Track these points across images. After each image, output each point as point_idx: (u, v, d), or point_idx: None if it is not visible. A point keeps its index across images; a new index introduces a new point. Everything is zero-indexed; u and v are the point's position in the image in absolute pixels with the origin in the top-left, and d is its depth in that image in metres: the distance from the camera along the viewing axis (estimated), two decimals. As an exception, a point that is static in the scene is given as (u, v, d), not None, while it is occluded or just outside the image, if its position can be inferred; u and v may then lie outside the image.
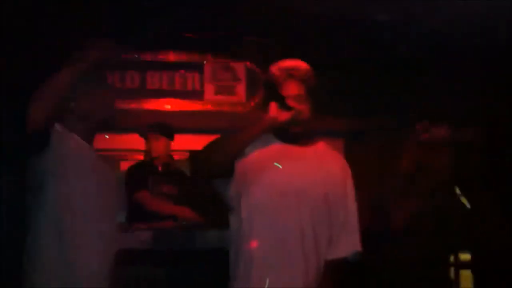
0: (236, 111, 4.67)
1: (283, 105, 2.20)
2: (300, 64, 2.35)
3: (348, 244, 2.34)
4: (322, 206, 2.28)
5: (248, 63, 4.71)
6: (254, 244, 2.22)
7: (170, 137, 4.18)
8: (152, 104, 4.68)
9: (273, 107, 2.21)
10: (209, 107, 4.71)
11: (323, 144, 2.43)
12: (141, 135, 4.25)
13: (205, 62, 4.68)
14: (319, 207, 2.28)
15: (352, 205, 2.38)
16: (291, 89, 2.28)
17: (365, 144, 4.96)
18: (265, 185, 2.24)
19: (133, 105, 4.61)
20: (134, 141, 4.61)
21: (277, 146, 2.32)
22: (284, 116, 2.20)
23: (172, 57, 4.75)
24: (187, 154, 4.70)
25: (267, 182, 2.25)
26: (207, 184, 2.40)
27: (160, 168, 4.16)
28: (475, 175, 2.98)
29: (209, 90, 4.71)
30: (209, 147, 2.25)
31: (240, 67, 4.72)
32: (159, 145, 4.15)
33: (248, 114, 4.58)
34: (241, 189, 2.26)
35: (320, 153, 2.39)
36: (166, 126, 4.19)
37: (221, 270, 2.35)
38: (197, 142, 4.59)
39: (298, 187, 2.25)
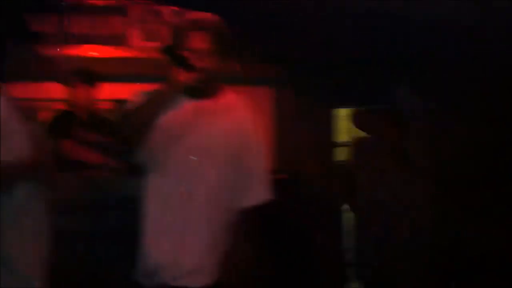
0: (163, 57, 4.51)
1: (187, 66, 2.15)
2: (207, 15, 2.30)
3: (258, 192, 2.41)
4: (230, 158, 2.34)
5: (176, 7, 4.55)
6: (162, 199, 2.29)
7: (93, 85, 4.04)
8: (74, 50, 4.46)
9: (176, 70, 2.16)
10: (135, 53, 4.54)
11: (231, 94, 2.44)
12: (63, 83, 4.08)
13: (129, 5, 4.49)
14: (227, 158, 2.33)
15: (259, 154, 2.44)
16: (197, 42, 2.22)
17: (296, 92, 4.96)
18: (172, 143, 2.27)
19: (53, 51, 4.39)
20: (55, 90, 4.41)
21: (183, 103, 2.30)
22: (189, 77, 2.17)
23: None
24: (113, 103, 4.55)
25: (174, 139, 2.27)
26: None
27: (83, 117, 4.03)
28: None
29: (134, 35, 4.54)
30: (123, 122, 2.28)
31: (168, 11, 4.55)
32: (81, 93, 4.01)
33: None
34: (152, 150, 2.27)
35: (227, 104, 2.39)
36: (89, 73, 4.04)
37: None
38: (123, 90, 4.48)
39: (205, 141, 2.29)
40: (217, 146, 2.31)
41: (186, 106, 2.30)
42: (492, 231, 3.01)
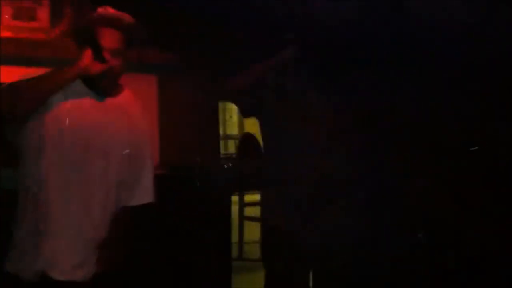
0: (37, 38, 4.19)
1: (99, 56, 2.13)
2: (123, 15, 2.28)
3: (146, 192, 2.48)
4: (125, 157, 2.36)
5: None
6: (49, 194, 2.23)
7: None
8: None
9: (87, 55, 2.14)
10: (5, 33, 4.17)
11: (128, 93, 2.44)
12: None
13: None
14: (122, 158, 2.35)
15: (149, 154, 2.50)
16: (109, 41, 2.22)
17: (181, 81, 4.84)
18: (64, 137, 2.22)
19: None
20: None
21: (82, 95, 2.27)
22: (97, 68, 2.16)
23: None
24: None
25: (68, 132, 2.23)
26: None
27: None
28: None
29: (4, 13, 4.18)
30: (10, 92, 2.12)
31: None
32: None
33: (52, 42, 4.13)
34: (42, 138, 2.20)
35: (124, 104, 2.40)
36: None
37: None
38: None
39: (102, 140, 2.30)
40: (114, 145, 2.32)
41: (86, 101, 2.26)
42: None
